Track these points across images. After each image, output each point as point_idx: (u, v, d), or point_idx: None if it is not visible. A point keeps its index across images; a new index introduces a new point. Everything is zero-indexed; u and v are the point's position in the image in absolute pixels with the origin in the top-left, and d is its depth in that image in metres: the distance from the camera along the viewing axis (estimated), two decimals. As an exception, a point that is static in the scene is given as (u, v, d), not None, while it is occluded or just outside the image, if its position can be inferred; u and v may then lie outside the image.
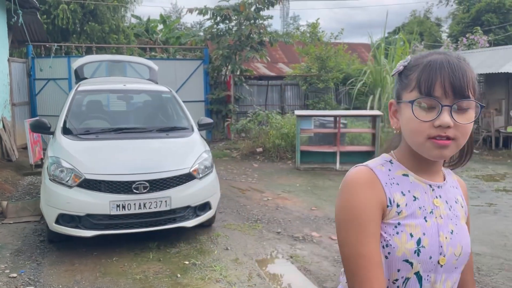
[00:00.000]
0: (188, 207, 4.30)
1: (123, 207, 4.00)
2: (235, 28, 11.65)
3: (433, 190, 1.06)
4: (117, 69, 7.36)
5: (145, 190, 4.06)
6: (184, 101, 11.72)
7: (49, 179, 4.13)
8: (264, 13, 11.57)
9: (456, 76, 0.96)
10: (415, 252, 0.99)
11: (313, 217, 5.46)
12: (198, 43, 13.93)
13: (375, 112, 9.14)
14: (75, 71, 6.61)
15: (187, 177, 4.33)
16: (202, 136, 5.33)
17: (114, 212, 3.98)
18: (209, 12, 11.17)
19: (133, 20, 23.32)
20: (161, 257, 4.10)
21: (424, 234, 1.01)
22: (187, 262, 3.97)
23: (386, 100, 11.40)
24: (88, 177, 4.02)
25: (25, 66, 10.68)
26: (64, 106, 5.09)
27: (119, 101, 6.00)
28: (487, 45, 15.43)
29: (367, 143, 9.54)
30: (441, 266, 1.02)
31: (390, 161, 1.08)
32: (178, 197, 4.20)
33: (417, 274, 1.00)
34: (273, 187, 7.07)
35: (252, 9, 11.17)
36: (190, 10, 11.11)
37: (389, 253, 1.00)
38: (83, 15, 15.25)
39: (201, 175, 4.46)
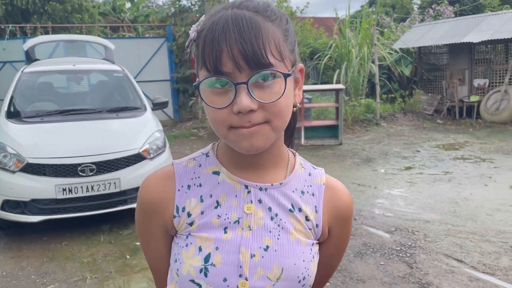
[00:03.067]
0: (139, 188, 4.24)
1: (70, 190, 3.92)
2: (198, 3, 11.38)
3: (248, 192, 0.80)
4: (76, 49, 7.10)
5: (92, 173, 3.98)
6: (148, 81, 11.54)
7: (-9, 165, 4.00)
8: (228, -13, 11.33)
9: (246, 40, 0.68)
10: (201, 271, 0.77)
11: (272, 192, 5.48)
12: (162, 21, 13.56)
13: (338, 86, 9.15)
14: (26, 52, 6.36)
15: (137, 158, 4.26)
16: (168, 115, 5.24)
17: (61, 196, 3.90)
18: (170, -12, 10.84)
19: (99, -1, 22.54)
20: (113, 239, 4.06)
21: (217, 248, 0.78)
22: (137, 243, 3.95)
23: (352, 73, 11.44)
24: (31, 161, 3.91)
25: (-21, 49, 10.23)
26: (8, 89, 4.91)
27: (68, 82, 5.82)
28: (453, 15, 15.55)
29: (333, 117, 9.58)
30: None
31: (207, 154, 0.86)
32: (128, 178, 4.14)
33: None
34: (237, 164, 7.06)
35: (215, -17, 10.90)
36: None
37: (177, 270, 0.80)
38: (44, -6, 14.64)
39: (152, 155, 4.39)
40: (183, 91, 11.90)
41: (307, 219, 0.82)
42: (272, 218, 0.80)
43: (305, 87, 9.34)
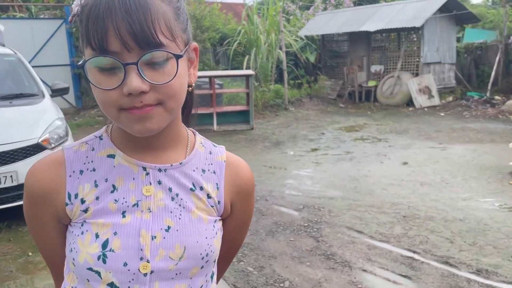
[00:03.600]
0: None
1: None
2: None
3: (147, 174, 0.78)
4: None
5: (-16, 166, 3.63)
6: (45, 66, 10.66)
7: None
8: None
9: (134, 18, 0.65)
10: (99, 258, 0.74)
11: (184, 178, 5.46)
12: (60, 1, 12.59)
13: (247, 71, 9.31)
14: None
15: (36, 148, 3.97)
16: (70, 103, 4.90)
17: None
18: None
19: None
20: (12, 237, 3.77)
21: (115, 233, 0.75)
22: (41, 239, 3.70)
23: (261, 59, 11.68)
24: None
25: None
26: None
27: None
28: (352, 4, 16.53)
29: (244, 103, 9.73)
30: (146, 274, 0.76)
31: (100, 137, 0.82)
32: (26, 171, 3.84)
33: (112, 285, 0.76)
34: (147, 152, 6.89)
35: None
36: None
37: (73, 259, 0.77)
38: None
39: (53, 145, 4.12)
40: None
41: (209, 196, 0.82)
42: (172, 199, 0.79)
43: (216, 73, 9.37)
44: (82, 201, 0.77)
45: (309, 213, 4.23)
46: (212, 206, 0.83)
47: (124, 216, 0.76)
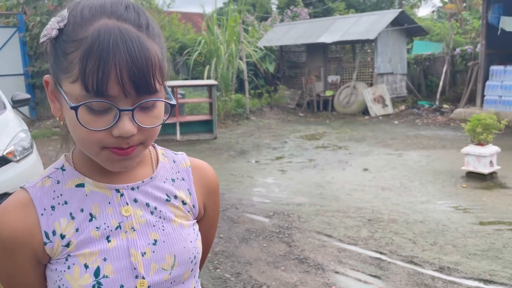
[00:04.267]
0: (5, 194, 3.84)
1: None
2: (54, -8, 10.47)
3: (121, 195, 0.79)
4: None
5: None
6: (-3, 75, 10.19)
7: None
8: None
9: (138, 65, 0.66)
10: None
11: (152, 189, 5.44)
12: (12, 8, 12.14)
13: (211, 81, 9.38)
14: None
15: (1, 161, 3.85)
16: (24, 114, 4.76)
17: None
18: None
19: None
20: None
21: (105, 259, 0.75)
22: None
23: (222, 69, 11.79)
24: None
25: None
26: None
27: None
28: (308, 17, 17.04)
29: (206, 113, 9.78)
30: None
31: (62, 168, 0.79)
32: (-9, 184, 3.72)
33: None
34: (110, 163, 6.78)
35: (73, -29, 10.15)
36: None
37: None
38: None
39: (18, 158, 4.01)
40: (40, 87, 10.85)
41: (183, 203, 0.85)
42: (152, 213, 0.81)
43: (179, 83, 9.37)
44: (62, 236, 0.75)
45: (279, 220, 4.35)
46: (188, 212, 0.86)
47: (109, 241, 0.76)
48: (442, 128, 9.73)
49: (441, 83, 12.42)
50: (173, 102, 0.73)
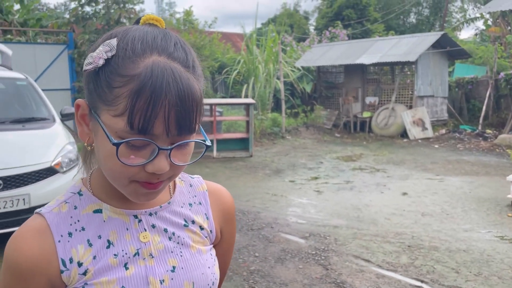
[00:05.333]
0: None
1: (-28, 208, 3.55)
2: (103, 12, 10.99)
3: (139, 221, 0.78)
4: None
5: (-2, 189, 3.66)
6: (46, 90, 10.74)
7: None
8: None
9: (186, 107, 0.65)
10: None
11: (188, 204, 5.50)
12: (62, 26, 12.81)
13: (248, 100, 9.49)
14: None
15: (48, 172, 4.01)
16: (69, 127, 4.98)
17: (-39, 215, 3.52)
18: (72, -7, 10.33)
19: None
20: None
21: None
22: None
23: (259, 88, 11.91)
24: None
25: None
26: None
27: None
28: (346, 38, 17.03)
29: (243, 130, 9.87)
30: None
31: (80, 192, 0.78)
32: (39, 194, 3.87)
33: None
34: (149, 177, 6.92)
35: (121, -8, 10.65)
36: (50, -10, 10.13)
37: None
38: None
39: (65, 169, 4.17)
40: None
41: (201, 228, 0.84)
42: (170, 238, 0.79)
43: (217, 101, 9.53)
44: (80, 264, 0.73)
45: (315, 241, 4.29)
46: (206, 237, 0.85)
47: (127, 268, 0.75)
48: (485, 153, 9.39)
49: (484, 107, 12.03)
50: (208, 143, 0.72)
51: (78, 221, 0.75)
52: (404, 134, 11.49)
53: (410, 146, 10.37)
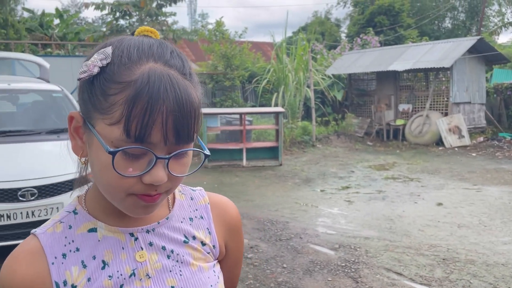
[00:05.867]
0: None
1: (8, 216, 3.69)
2: (136, 24, 11.30)
3: (136, 239, 0.74)
4: (3, 66, 6.74)
5: (33, 197, 3.78)
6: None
7: None
8: (167, 9, 11.41)
9: (184, 113, 0.63)
10: None
11: (217, 214, 5.51)
12: (98, 40, 13.28)
13: (277, 109, 9.47)
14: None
15: (82, 181, 4.12)
16: None
17: (-2, 223, 3.66)
18: (107, 7, 10.69)
19: (25, 14, 21.51)
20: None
21: None
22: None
23: (289, 97, 11.88)
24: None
25: None
26: None
27: (3, 102, 5.50)
28: (378, 45, 16.78)
29: (272, 139, 9.86)
30: None
31: (75, 211, 0.75)
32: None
33: None
34: (180, 186, 6.99)
35: (154, 5, 10.91)
36: (86, 5, 10.55)
37: None
38: (-36, 7, 13.74)
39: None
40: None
41: (203, 244, 0.80)
42: (168, 257, 0.75)
43: (247, 110, 9.57)
44: (73, 287, 0.70)
45: (345, 253, 4.19)
46: (208, 253, 0.80)
47: None
48: (526, 162, 8.96)
49: (525, 114, 11.52)
50: (207, 152, 0.70)
51: (73, 241, 0.72)
52: (439, 142, 11.15)
53: (446, 155, 10.04)
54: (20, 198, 3.73)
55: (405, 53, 12.33)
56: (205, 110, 8.95)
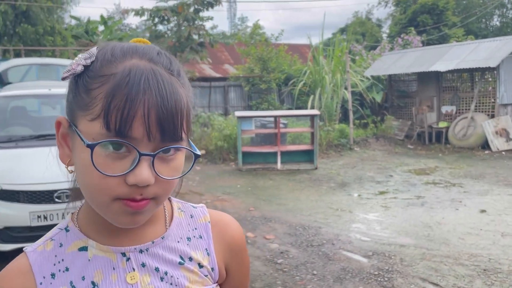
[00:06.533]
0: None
1: (45, 217, 3.82)
2: (174, 29, 11.52)
3: (128, 259, 0.70)
4: (48, 73, 7.03)
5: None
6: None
7: (-37, 191, 3.87)
8: (205, 14, 11.53)
9: (168, 107, 0.60)
10: None
11: (250, 217, 5.49)
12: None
13: (313, 111, 9.35)
14: (-1, 75, 6.27)
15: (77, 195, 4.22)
16: None
17: (35, 223, 3.79)
18: (146, 13, 10.97)
19: (72, 22, 22.46)
20: None
21: None
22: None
23: (326, 99, 11.71)
24: (5, 187, 3.80)
25: None
26: (-19, 114, 4.80)
27: (44, 106, 5.73)
28: (420, 45, 16.24)
29: (308, 142, 9.74)
30: None
31: (66, 228, 0.72)
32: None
33: None
34: (214, 189, 7.04)
35: (191, 10, 11.09)
36: (125, 11, 10.87)
37: None
38: (15, 16, 14.52)
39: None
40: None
41: (200, 266, 0.74)
42: (162, 279, 0.70)
43: (282, 112, 9.51)
44: None
45: (379, 261, 4.04)
46: (206, 275, 0.75)
47: None
48: None
49: None
50: (198, 152, 0.66)
51: (63, 260, 0.69)
52: (485, 145, 10.62)
53: (492, 159, 9.54)
54: (56, 200, 3.86)
55: (448, 52, 11.85)
56: (239, 113, 8.97)
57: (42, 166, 4.15)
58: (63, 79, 0.65)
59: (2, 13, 13.68)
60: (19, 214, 3.77)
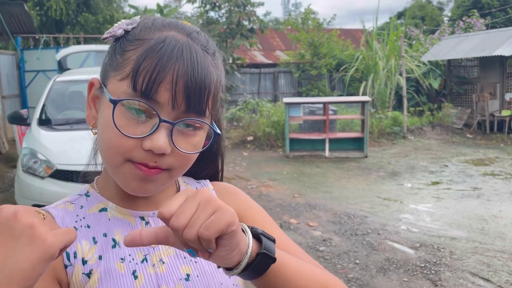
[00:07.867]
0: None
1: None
2: (226, 16, 11.56)
3: (147, 223, 0.71)
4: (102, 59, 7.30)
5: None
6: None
7: (22, 170, 4.14)
8: (256, 0, 11.47)
9: (197, 78, 0.61)
10: None
11: (294, 204, 5.46)
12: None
13: (363, 98, 9.08)
14: (59, 62, 6.60)
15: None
16: None
17: (87, 202, 4.00)
18: (197, 0, 11.09)
19: (131, 11, 23.21)
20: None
21: None
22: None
23: (379, 86, 11.32)
24: (60, 167, 4.02)
25: (14, 58, 10.66)
26: (41, 98, 5.09)
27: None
28: (484, 28, 15.22)
29: (358, 130, 9.49)
30: None
31: (87, 194, 0.74)
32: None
33: None
34: (260, 175, 7.06)
35: (242, -4, 11.07)
36: (178, -1, 11.03)
37: None
38: (77, 6, 15.23)
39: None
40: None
41: None
42: None
43: (331, 99, 9.32)
44: (84, 262, 0.67)
45: (426, 253, 3.88)
46: None
47: (136, 277, 0.67)
48: None
49: None
50: (218, 131, 0.67)
51: (84, 218, 0.70)
52: (554, 135, 9.83)
53: (561, 150, 8.82)
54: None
55: (515, 35, 11.01)
56: (287, 100, 8.89)
57: (82, 148, 4.36)
58: (103, 39, 0.67)
59: (65, 2, 14.38)
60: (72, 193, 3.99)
